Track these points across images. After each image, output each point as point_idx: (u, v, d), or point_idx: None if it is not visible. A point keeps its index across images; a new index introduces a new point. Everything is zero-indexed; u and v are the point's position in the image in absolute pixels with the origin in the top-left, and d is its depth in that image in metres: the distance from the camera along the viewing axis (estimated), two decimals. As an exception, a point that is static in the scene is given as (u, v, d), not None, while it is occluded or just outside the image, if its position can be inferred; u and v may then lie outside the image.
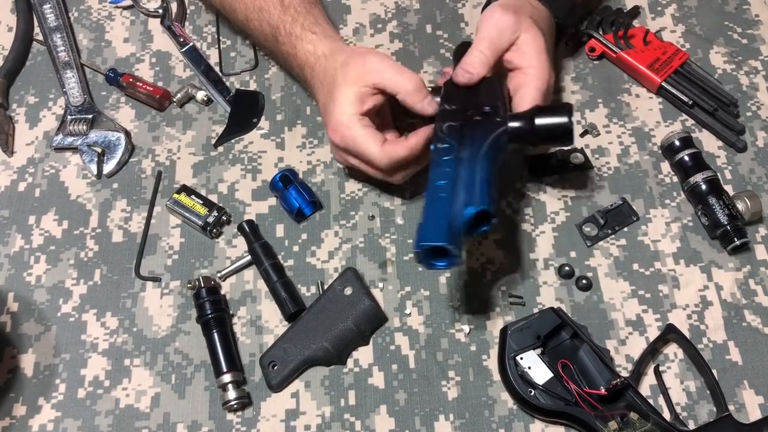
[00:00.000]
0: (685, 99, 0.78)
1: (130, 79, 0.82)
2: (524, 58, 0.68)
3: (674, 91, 0.79)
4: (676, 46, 0.81)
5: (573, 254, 0.72)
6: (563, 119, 0.63)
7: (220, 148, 0.79)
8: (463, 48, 0.73)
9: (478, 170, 0.60)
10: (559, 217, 0.74)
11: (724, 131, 0.77)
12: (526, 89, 0.67)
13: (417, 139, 0.67)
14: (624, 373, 0.66)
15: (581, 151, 0.77)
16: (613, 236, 0.73)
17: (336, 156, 0.74)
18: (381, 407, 0.66)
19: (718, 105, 0.78)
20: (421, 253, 0.57)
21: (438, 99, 0.68)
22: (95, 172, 0.78)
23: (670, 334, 0.66)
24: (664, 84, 0.79)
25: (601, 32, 0.82)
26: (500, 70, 0.70)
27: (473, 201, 0.58)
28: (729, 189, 0.74)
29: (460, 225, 0.57)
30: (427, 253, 0.56)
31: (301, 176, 0.77)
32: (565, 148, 0.76)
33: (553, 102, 0.73)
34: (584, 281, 0.70)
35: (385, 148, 0.66)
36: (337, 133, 0.68)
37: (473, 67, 0.68)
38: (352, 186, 0.76)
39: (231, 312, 0.70)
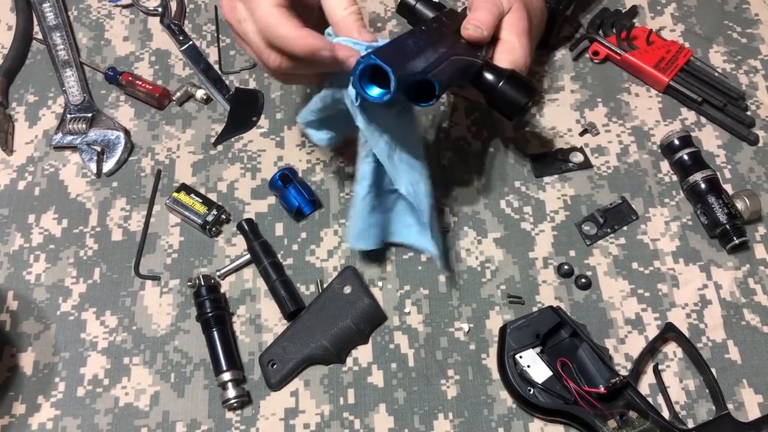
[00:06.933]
0: (695, 96, 0.78)
1: (130, 78, 0.81)
2: (509, 31, 0.66)
3: (682, 89, 0.78)
4: (678, 44, 0.81)
5: (572, 253, 0.72)
6: (522, 100, 0.62)
7: (220, 147, 0.79)
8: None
9: (446, 62, 0.58)
10: (559, 215, 0.74)
11: (735, 125, 0.77)
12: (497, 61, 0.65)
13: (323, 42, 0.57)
14: (623, 372, 0.66)
15: (581, 150, 0.77)
16: (612, 235, 0.73)
17: (226, 12, 0.60)
18: (380, 406, 0.66)
19: (727, 100, 0.78)
20: (360, 70, 0.53)
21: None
22: (95, 171, 0.78)
23: (669, 332, 0.66)
24: (671, 83, 0.79)
25: (602, 34, 0.82)
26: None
27: (429, 70, 0.56)
28: (728, 188, 0.74)
29: (411, 76, 0.54)
30: (365, 72, 0.53)
31: (300, 175, 0.77)
32: (565, 147, 0.77)
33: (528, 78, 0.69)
34: (583, 280, 0.70)
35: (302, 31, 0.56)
36: None
37: (487, 25, 0.64)
38: (352, 185, 0.76)
39: (230, 310, 0.70)
